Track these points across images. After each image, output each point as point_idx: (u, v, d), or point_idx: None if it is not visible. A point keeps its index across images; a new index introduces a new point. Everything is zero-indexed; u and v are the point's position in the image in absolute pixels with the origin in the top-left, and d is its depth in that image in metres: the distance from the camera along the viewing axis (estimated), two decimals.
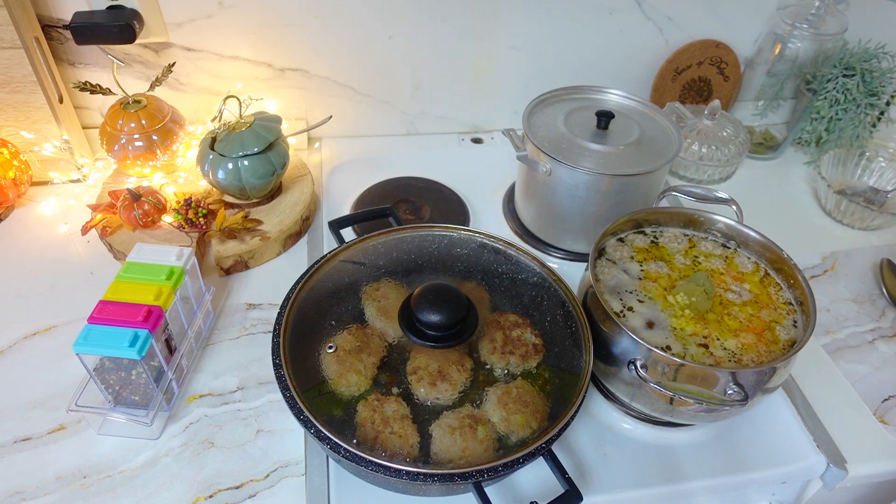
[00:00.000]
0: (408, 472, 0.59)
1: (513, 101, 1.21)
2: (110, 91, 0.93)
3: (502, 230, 1.03)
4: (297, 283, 0.74)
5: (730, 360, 0.67)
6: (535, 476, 0.70)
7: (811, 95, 1.14)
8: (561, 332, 0.73)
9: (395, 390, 0.67)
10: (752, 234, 0.78)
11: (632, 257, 0.78)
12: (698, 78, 1.22)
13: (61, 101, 1.00)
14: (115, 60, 0.94)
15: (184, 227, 0.91)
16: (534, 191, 0.96)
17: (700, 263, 0.78)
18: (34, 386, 0.76)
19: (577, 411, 0.64)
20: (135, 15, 0.96)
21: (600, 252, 0.79)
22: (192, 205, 0.92)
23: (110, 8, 0.95)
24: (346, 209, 1.04)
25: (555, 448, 0.63)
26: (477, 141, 1.23)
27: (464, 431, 0.63)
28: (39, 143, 0.99)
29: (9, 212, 0.99)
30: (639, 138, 0.91)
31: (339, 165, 1.14)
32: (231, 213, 0.95)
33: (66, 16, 0.97)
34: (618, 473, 0.72)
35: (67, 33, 0.98)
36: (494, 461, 0.60)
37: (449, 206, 1.05)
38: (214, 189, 0.96)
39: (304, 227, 0.99)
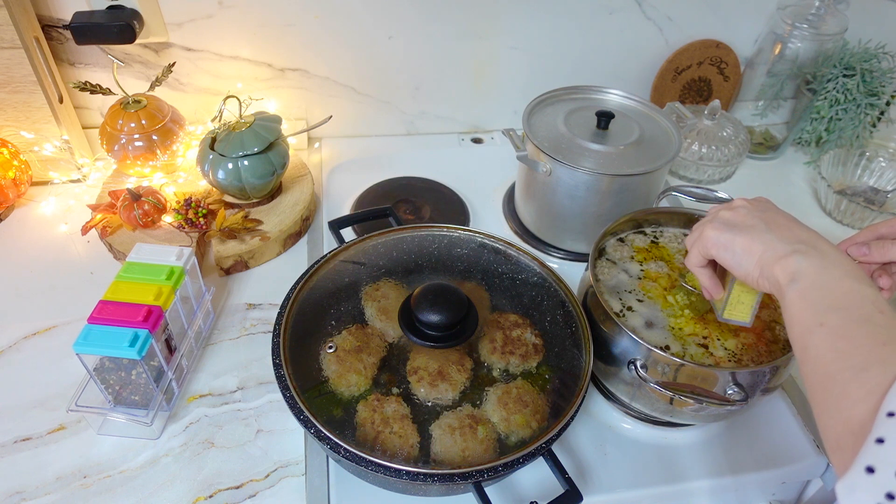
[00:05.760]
0: (408, 472, 0.59)
1: (513, 101, 1.21)
2: (110, 91, 0.93)
3: (502, 230, 1.03)
4: (297, 283, 0.74)
5: (730, 360, 0.67)
6: (535, 476, 0.70)
7: (811, 95, 1.14)
8: (561, 332, 0.73)
9: (395, 390, 0.67)
10: None
11: (632, 257, 0.78)
12: (698, 78, 1.22)
13: (61, 101, 1.00)
14: (115, 60, 0.94)
15: (184, 227, 0.91)
16: (534, 191, 0.96)
17: None
18: (34, 386, 0.76)
19: (577, 411, 0.64)
20: (135, 15, 0.96)
21: (600, 252, 0.79)
22: (192, 205, 0.92)
23: (110, 8, 0.95)
24: (346, 209, 1.04)
25: (555, 448, 0.63)
26: (477, 141, 1.23)
27: (464, 431, 0.63)
28: (39, 143, 0.99)
29: (9, 212, 0.99)
30: (639, 138, 0.91)
31: (339, 165, 1.14)
32: (231, 213, 0.95)
33: (66, 16, 0.97)
34: (618, 473, 0.72)
35: (67, 33, 0.98)
36: (494, 461, 0.60)
37: (449, 206, 1.05)
38: (214, 189, 0.96)
39: (304, 227, 1.00)
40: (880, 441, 0.36)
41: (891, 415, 0.37)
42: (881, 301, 0.45)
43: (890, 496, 0.34)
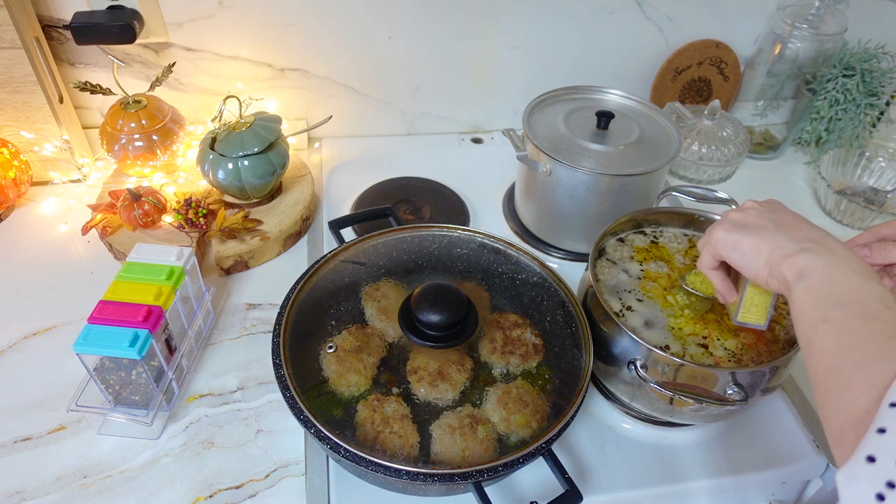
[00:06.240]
0: (408, 472, 0.59)
1: (513, 101, 1.21)
2: (110, 91, 0.93)
3: (502, 230, 1.03)
4: (297, 283, 0.74)
5: (729, 360, 0.67)
6: (535, 476, 0.70)
7: (811, 95, 1.14)
8: (561, 332, 0.73)
9: (395, 390, 0.67)
10: None
11: (632, 257, 0.78)
12: (698, 78, 1.22)
13: (61, 101, 1.00)
14: (115, 60, 0.94)
15: (184, 227, 0.91)
16: (534, 191, 0.96)
17: None
18: (34, 386, 0.76)
19: (577, 411, 0.64)
20: (135, 15, 0.96)
21: (600, 252, 0.79)
22: (192, 205, 0.92)
23: (110, 8, 0.95)
24: (346, 209, 1.04)
25: (555, 448, 0.63)
26: (477, 141, 1.23)
27: (464, 431, 0.63)
28: (40, 143, 0.99)
29: (9, 212, 0.99)
30: (639, 138, 0.91)
31: (339, 165, 1.14)
32: (231, 213, 0.95)
33: (67, 16, 0.97)
34: (618, 473, 0.72)
35: (67, 33, 0.98)
36: (494, 461, 0.60)
37: (449, 206, 1.05)
38: (214, 189, 0.96)
39: (304, 227, 1.00)
40: (882, 431, 0.36)
41: (893, 405, 0.37)
42: (888, 297, 0.45)
43: (891, 485, 0.34)
